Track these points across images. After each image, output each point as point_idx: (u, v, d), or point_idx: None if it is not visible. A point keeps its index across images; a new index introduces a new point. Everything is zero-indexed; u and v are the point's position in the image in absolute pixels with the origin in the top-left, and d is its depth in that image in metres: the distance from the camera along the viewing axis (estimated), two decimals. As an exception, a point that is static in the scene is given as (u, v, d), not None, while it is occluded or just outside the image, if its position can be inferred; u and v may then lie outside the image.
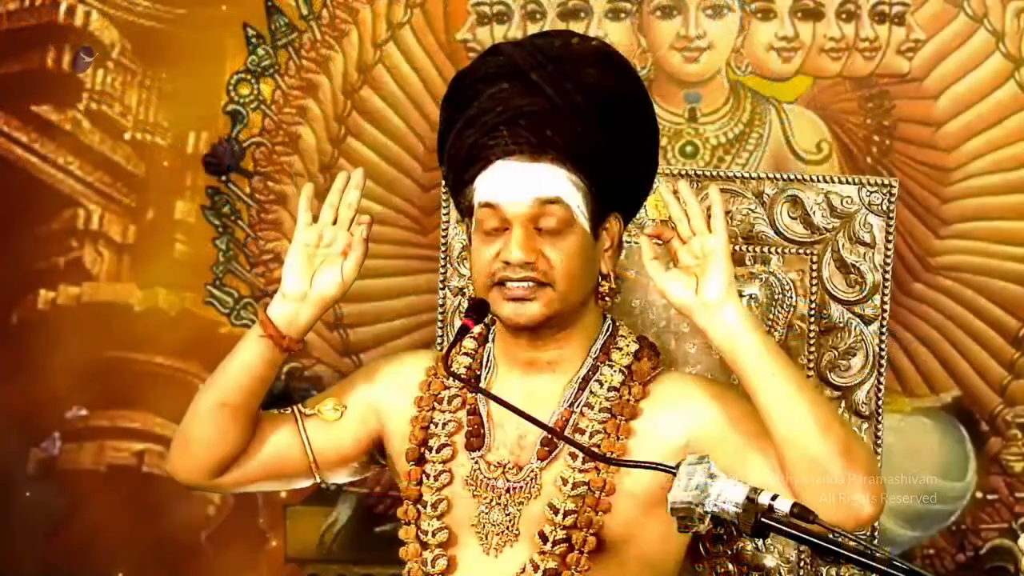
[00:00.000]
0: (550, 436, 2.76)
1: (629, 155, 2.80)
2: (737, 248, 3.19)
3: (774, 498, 2.41)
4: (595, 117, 2.73)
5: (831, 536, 2.39)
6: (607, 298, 2.84)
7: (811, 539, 2.40)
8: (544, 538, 2.75)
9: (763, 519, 2.40)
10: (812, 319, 3.17)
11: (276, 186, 4.65)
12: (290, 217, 4.64)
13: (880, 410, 3.16)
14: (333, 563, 4.71)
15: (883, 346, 3.16)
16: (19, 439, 4.76)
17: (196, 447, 2.91)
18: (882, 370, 3.16)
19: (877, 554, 2.37)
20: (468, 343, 2.91)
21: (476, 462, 2.82)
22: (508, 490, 2.80)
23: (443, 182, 3.01)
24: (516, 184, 2.73)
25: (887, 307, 3.17)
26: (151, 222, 4.72)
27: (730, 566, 3.07)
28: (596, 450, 2.75)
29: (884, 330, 3.17)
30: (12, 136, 4.75)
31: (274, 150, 4.65)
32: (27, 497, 4.74)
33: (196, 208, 4.69)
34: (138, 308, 4.74)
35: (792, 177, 3.22)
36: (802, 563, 3.10)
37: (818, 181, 3.20)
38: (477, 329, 2.88)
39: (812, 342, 3.17)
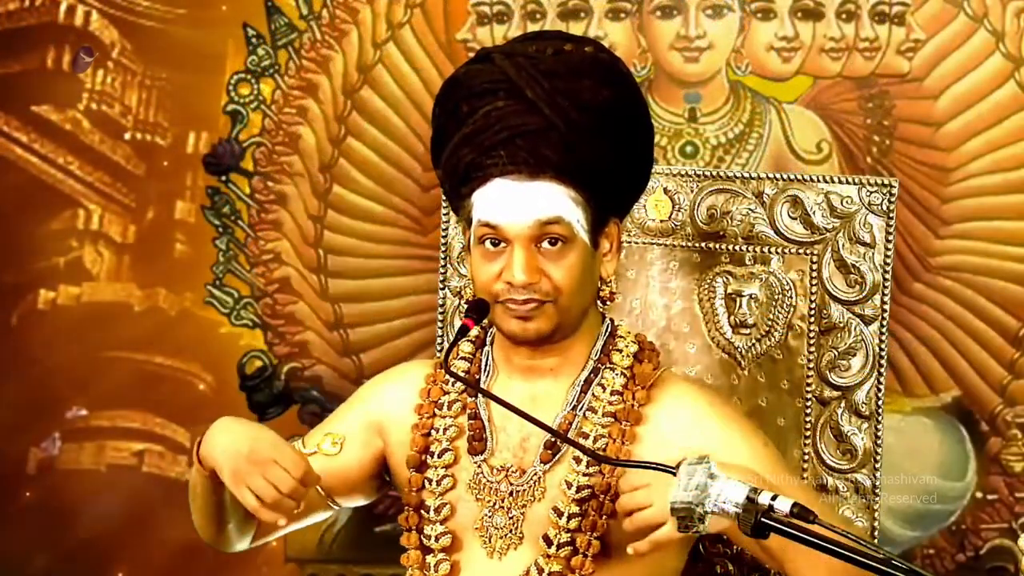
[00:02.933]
0: (553, 439, 2.76)
1: (627, 163, 2.79)
2: (737, 248, 3.19)
3: (774, 498, 2.41)
4: (592, 131, 2.72)
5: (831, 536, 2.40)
6: (608, 301, 2.84)
7: (811, 539, 2.40)
8: (548, 541, 2.75)
9: (763, 519, 2.41)
10: (812, 319, 3.17)
11: (276, 186, 4.65)
12: (290, 217, 4.64)
13: (880, 410, 3.15)
14: (333, 563, 4.71)
15: (883, 346, 3.16)
16: (19, 439, 4.76)
17: (220, 545, 2.93)
18: (882, 370, 3.16)
19: (877, 554, 2.37)
20: (465, 347, 2.90)
21: (479, 466, 2.82)
22: (511, 493, 2.79)
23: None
24: (515, 205, 2.71)
25: (887, 307, 3.16)
26: (151, 222, 4.72)
27: (730, 566, 3.07)
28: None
29: (884, 330, 3.16)
30: (12, 136, 4.75)
31: (274, 150, 4.65)
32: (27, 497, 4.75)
33: (196, 208, 4.69)
34: (138, 308, 4.73)
35: (792, 177, 3.21)
36: (802, 563, 3.10)
37: (818, 181, 3.19)
38: (474, 333, 2.88)
39: (812, 342, 3.17)
